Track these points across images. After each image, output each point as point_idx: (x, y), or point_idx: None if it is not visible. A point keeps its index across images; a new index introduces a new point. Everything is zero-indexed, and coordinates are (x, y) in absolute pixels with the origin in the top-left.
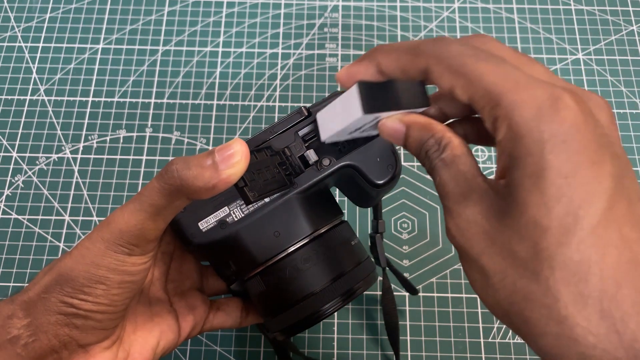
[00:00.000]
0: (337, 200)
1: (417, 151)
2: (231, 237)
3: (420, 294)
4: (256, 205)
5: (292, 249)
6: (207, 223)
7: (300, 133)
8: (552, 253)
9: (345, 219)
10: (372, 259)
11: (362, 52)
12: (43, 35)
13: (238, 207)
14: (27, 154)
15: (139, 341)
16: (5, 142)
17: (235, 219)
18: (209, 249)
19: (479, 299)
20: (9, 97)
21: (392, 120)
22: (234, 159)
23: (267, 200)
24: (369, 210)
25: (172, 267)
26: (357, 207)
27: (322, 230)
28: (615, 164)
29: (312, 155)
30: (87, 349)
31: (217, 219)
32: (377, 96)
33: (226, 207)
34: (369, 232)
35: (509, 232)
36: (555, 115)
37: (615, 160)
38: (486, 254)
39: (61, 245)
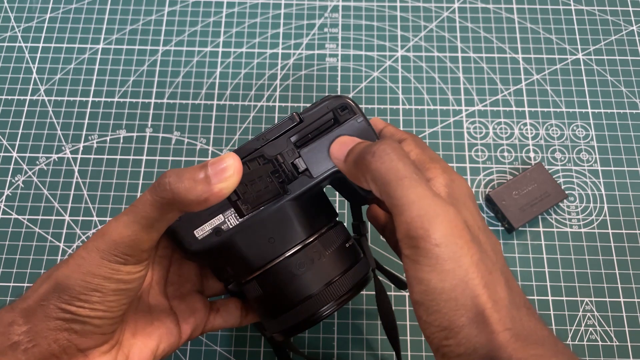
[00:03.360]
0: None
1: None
2: (226, 244)
3: None
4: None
5: (286, 254)
6: (202, 231)
7: (293, 139)
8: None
9: (339, 220)
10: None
11: (362, 52)
12: (43, 35)
13: (233, 215)
14: (27, 154)
15: (138, 345)
16: (5, 142)
17: (230, 226)
18: (205, 256)
19: None
20: (9, 97)
21: None
22: (227, 173)
23: (261, 207)
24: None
25: (172, 271)
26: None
27: (316, 235)
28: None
29: (300, 165)
30: (86, 353)
31: (212, 226)
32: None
33: (221, 215)
34: (352, 234)
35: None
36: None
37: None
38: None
39: (61, 245)
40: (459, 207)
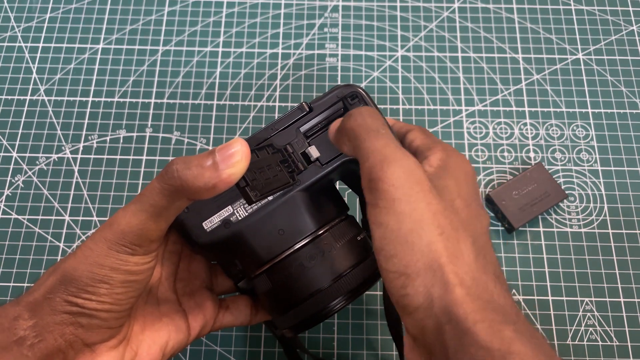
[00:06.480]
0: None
1: None
2: (235, 236)
3: None
4: (260, 204)
5: (296, 246)
6: (211, 223)
7: (302, 129)
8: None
9: (351, 214)
10: None
11: (362, 52)
12: (43, 35)
13: (242, 206)
14: (27, 154)
15: (146, 341)
16: (5, 142)
17: (239, 218)
18: (214, 249)
19: None
20: (9, 97)
21: None
22: (235, 159)
23: (270, 198)
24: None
25: (181, 267)
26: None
27: (327, 227)
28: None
29: (313, 152)
30: (93, 348)
31: (221, 218)
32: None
33: (230, 207)
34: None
35: None
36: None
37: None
38: None
39: (61, 245)
40: (446, 178)
